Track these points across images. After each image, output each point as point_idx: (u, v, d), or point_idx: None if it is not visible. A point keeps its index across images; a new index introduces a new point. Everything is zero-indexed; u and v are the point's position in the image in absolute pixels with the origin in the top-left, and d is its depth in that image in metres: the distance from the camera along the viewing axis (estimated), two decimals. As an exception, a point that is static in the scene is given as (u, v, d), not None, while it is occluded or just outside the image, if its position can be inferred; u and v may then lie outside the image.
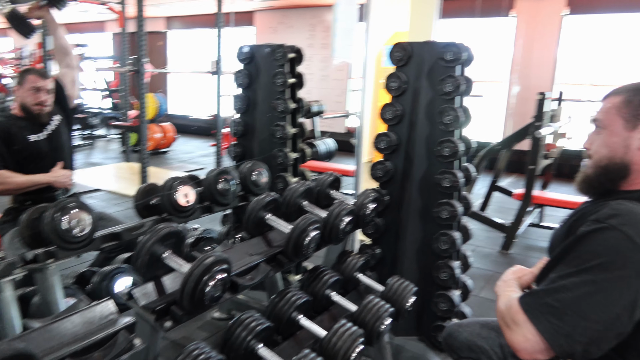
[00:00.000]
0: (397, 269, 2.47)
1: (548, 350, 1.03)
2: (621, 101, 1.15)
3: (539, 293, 1.07)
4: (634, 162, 1.12)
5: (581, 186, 1.24)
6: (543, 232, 4.51)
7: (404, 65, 2.34)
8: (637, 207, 1.04)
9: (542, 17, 7.17)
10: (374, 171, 2.45)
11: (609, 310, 0.98)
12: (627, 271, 0.98)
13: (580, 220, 1.11)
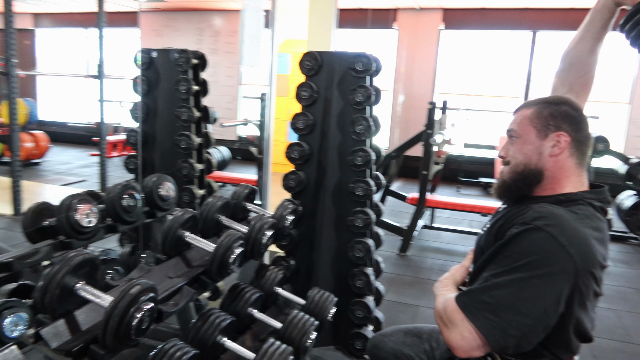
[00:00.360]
0: (313, 279, 2.46)
1: (484, 346, 1.07)
2: (533, 113, 1.24)
3: (474, 292, 1.11)
4: (547, 168, 1.21)
5: (499, 192, 1.32)
6: (435, 233, 4.81)
7: (315, 75, 2.34)
8: (557, 209, 1.13)
9: (422, 30, 7.69)
10: (287, 181, 2.41)
11: (538, 305, 1.05)
12: (553, 268, 1.05)
13: (507, 224, 1.17)
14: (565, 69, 1.44)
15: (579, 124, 1.22)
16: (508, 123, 1.32)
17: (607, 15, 1.34)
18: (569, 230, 1.08)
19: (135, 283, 1.17)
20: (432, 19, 7.63)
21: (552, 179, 1.22)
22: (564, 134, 1.20)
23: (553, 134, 1.21)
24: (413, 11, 7.66)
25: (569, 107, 1.24)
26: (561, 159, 1.21)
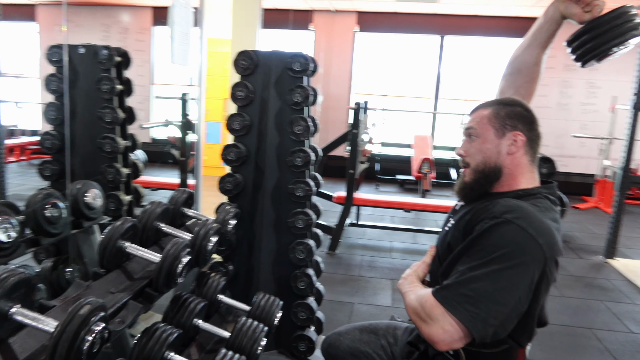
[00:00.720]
0: (253, 284, 2.40)
1: (465, 338, 1.10)
2: (490, 113, 1.30)
3: (452, 286, 1.13)
4: (505, 166, 1.27)
5: (462, 193, 1.36)
6: (360, 230, 4.91)
7: (250, 75, 2.28)
8: (522, 203, 1.19)
9: (337, 32, 7.82)
10: (223, 184, 2.33)
11: (513, 294, 1.10)
12: (525, 258, 1.11)
13: (475, 219, 1.21)
14: (512, 73, 1.51)
15: (532, 123, 1.29)
16: (466, 123, 1.36)
17: (553, 27, 1.41)
18: (535, 222, 1.14)
19: (84, 302, 1.06)
20: (347, 21, 7.78)
21: (510, 175, 1.28)
22: (520, 133, 1.27)
23: (510, 133, 1.27)
24: (329, 13, 7.77)
25: (522, 108, 1.30)
26: (517, 156, 1.27)
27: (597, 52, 1.34)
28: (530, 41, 1.45)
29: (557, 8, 1.37)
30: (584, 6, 1.32)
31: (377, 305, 3.22)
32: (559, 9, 1.37)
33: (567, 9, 1.35)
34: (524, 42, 1.47)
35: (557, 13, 1.38)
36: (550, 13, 1.40)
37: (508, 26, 7.53)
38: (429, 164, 6.21)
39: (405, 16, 7.67)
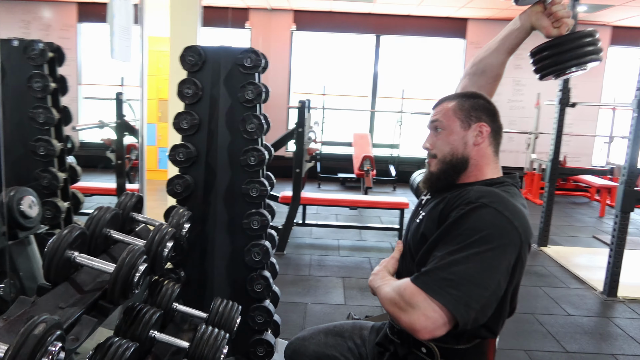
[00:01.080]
0: (206, 289, 2.30)
1: (449, 324, 1.09)
2: (455, 105, 1.31)
3: (433, 271, 1.12)
4: (471, 157, 1.29)
5: (429, 183, 1.36)
6: (306, 229, 4.88)
7: (198, 71, 2.19)
8: (494, 189, 1.20)
9: (274, 31, 7.75)
10: (172, 187, 2.21)
11: (494, 277, 1.10)
12: (503, 240, 1.11)
13: (448, 207, 1.21)
14: (476, 74, 1.51)
15: (494, 115, 1.31)
16: (430, 117, 1.36)
17: (522, 35, 1.41)
18: (510, 206, 1.15)
19: (38, 320, 0.95)
20: (284, 20, 7.74)
21: (476, 166, 1.29)
22: (485, 124, 1.28)
23: (475, 125, 1.28)
24: (265, 11, 7.68)
25: (485, 100, 1.32)
26: (483, 147, 1.29)
27: (556, 69, 1.38)
28: (498, 45, 1.45)
29: (529, 18, 1.37)
30: (554, 21, 1.32)
31: (330, 304, 3.21)
32: (530, 19, 1.37)
33: (537, 20, 1.35)
34: (492, 45, 1.48)
35: (527, 23, 1.38)
36: (521, 22, 1.40)
37: (440, 26, 7.79)
38: (370, 162, 6.29)
39: (342, 15, 7.74)
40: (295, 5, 7.45)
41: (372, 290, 1.34)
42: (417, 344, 1.29)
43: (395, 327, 1.37)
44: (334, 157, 7.74)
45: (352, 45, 8.16)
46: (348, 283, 3.58)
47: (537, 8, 1.35)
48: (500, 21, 7.67)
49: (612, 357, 2.72)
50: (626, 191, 3.45)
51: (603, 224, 5.88)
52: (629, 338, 2.95)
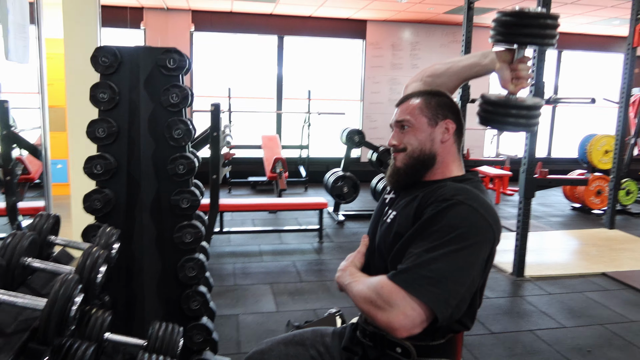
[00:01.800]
0: (136, 313, 2.10)
1: (426, 321, 1.08)
2: (421, 103, 1.30)
3: (412, 269, 1.10)
4: (438, 153, 1.29)
5: (395, 178, 1.33)
6: (224, 237, 4.70)
7: (114, 73, 1.99)
8: (467, 186, 1.21)
9: (172, 31, 7.40)
10: (90, 203, 1.99)
11: (469, 273, 1.11)
12: (479, 237, 1.13)
13: (423, 204, 1.20)
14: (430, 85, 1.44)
15: (458, 113, 1.32)
16: (395, 115, 1.34)
17: (483, 73, 1.39)
18: (483, 202, 1.17)
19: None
20: (182, 20, 7.42)
21: (443, 163, 1.29)
22: (451, 121, 1.28)
23: (442, 122, 1.28)
24: (161, 11, 7.30)
25: (449, 99, 1.33)
26: (448, 144, 1.29)
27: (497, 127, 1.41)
28: (459, 71, 1.42)
29: (494, 63, 1.34)
30: (515, 78, 1.32)
31: (262, 312, 3.11)
32: (495, 64, 1.34)
33: (501, 69, 1.32)
34: (453, 68, 1.44)
35: (492, 66, 1.35)
36: (487, 62, 1.36)
37: (340, 27, 7.94)
38: (282, 163, 6.24)
39: (243, 16, 7.59)
40: (193, 5, 7.16)
41: (341, 287, 1.30)
42: (392, 345, 1.26)
43: (367, 330, 1.33)
44: (243, 160, 7.57)
45: (256, 46, 8.05)
46: (277, 289, 3.50)
47: (506, 57, 1.33)
48: (397, 22, 8.00)
49: (531, 332, 2.93)
50: (527, 179, 3.75)
51: (500, 210, 6.36)
52: (542, 313, 3.20)
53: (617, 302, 3.42)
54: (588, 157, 6.31)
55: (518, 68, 1.32)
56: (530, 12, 1.25)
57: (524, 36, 1.27)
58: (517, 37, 1.28)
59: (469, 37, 4.88)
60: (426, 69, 1.54)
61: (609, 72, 9.17)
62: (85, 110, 3.07)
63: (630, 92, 5.30)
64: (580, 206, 6.44)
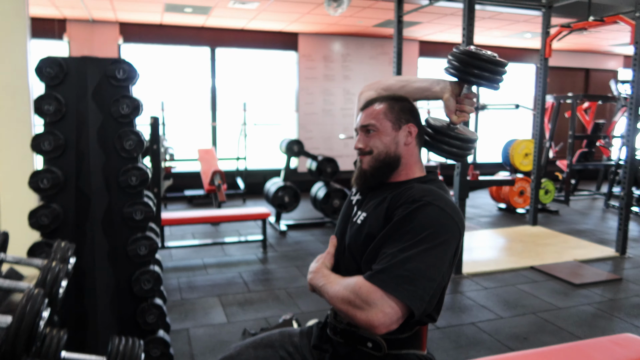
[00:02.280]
0: (89, 330, 2.03)
1: (403, 317, 1.16)
2: (385, 108, 1.37)
3: (388, 269, 1.16)
4: (403, 156, 1.37)
5: (361, 180, 1.40)
6: (165, 252, 4.58)
7: (60, 84, 1.93)
8: (432, 187, 1.29)
9: (99, 43, 7.15)
10: (36, 219, 1.91)
11: (440, 269, 1.19)
12: (447, 235, 1.21)
13: (393, 205, 1.27)
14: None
15: (419, 117, 1.41)
16: (359, 120, 1.40)
17: (433, 98, 1.46)
18: (449, 203, 1.25)
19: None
20: (109, 32, 7.18)
21: (406, 165, 1.37)
22: (413, 125, 1.37)
23: (405, 126, 1.36)
24: (86, 23, 7.03)
25: (410, 103, 1.41)
26: (411, 147, 1.38)
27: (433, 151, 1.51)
28: (410, 92, 1.48)
29: (444, 92, 1.41)
30: (459, 111, 1.39)
31: (213, 324, 3.07)
32: (444, 94, 1.40)
33: (448, 100, 1.39)
34: (405, 87, 1.50)
35: (440, 94, 1.42)
36: (437, 90, 1.43)
37: (273, 40, 8.02)
38: (220, 176, 6.18)
39: (173, 28, 7.48)
40: (121, 17, 6.96)
41: (314, 288, 1.34)
42: (363, 340, 1.32)
43: (338, 327, 1.38)
44: (178, 174, 7.40)
45: (188, 58, 7.94)
46: (225, 300, 3.47)
47: (455, 89, 1.39)
48: (328, 35, 8.21)
49: (473, 325, 3.11)
50: (461, 181, 3.98)
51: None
52: (481, 307, 3.41)
53: (545, 292, 3.70)
54: (510, 160, 6.78)
55: (463, 102, 1.39)
56: (483, 56, 1.33)
57: (474, 76, 1.33)
58: (468, 76, 1.33)
59: (399, 50, 5.11)
60: (381, 81, 1.61)
61: (521, 81, 9.91)
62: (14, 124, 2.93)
63: (544, 100, 5.77)
64: (505, 206, 6.89)
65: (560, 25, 5.39)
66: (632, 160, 4.59)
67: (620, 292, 3.72)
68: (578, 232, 5.63)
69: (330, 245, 1.43)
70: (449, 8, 5.74)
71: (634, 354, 1.88)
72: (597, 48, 9.55)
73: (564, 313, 3.31)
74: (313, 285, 1.34)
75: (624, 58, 10.31)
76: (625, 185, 4.60)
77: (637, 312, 3.32)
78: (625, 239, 4.66)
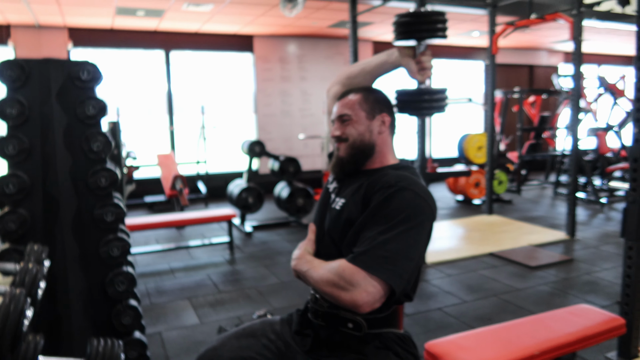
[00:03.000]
0: (62, 335, 2.00)
1: (385, 296, 1.23)
2: (360, 98, 1.44)
3: (369, 251, 1.23)
4: (377, 144, 1.44)
5: (338, 167, 1.46)
6: (130, 259, 4.50)
7: (22, 87, 1.90)
8: (405, 173, 1.36)
9: (47, 48, 6.92)
10: (3, 225, 1.87)
11: (418, 249, 1.27)
12: (422, 217, 1.29)
13: (370, 191, 1.33)
14: (349, 85, 1.59)
15: (392, 107, 1.49)
16: (336, 110, 1.46)
17: (391, 69, 1.57)
18: (422, 187, 1.33)
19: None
20: (57, 37, 6.97)
21: (380, 153, 1.44)
22: (386, 114, 1.45)
23: (379, 115, 1.44)
24: (32, 28, 6.80)
25: (384, 95, 1.49)
26: (384, 136, 1.45)
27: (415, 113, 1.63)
28: (371, 70, 1.58)
29: (400, 59, 1.53)
30: (420, 69, 1.52)
31: (185, 326, 3.06)
32: (401, 61, 1.53)
33: (407, 64, 1.51)
34: (366, 68, 1.59)
35: (398, 62, 1.53)
36: (394, 58, 1.54)
37: (228, 42, 7.99)
38: (181, 180, 6.11)
39: (125, 33, 7.33)
40: (70, 22, 6.76)
41: (298, 274, 1.39)
42: (344, 321, 1.38)
43: (319, 311, 1.43)
44: (138, 181, 7.25)
45: (142, 61, 7.80)
46: (196, 302, 3.46)
47: (409, 52, 1.52)
48: (283, 37, 8.25)
49: (439, 310, 3.24)
50: (422, 174, 4.12)
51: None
52: (446, 293, 3.54)
53: (504, 275, 3.89)
54: (465, 153, 7.03)
55: (422, 60, 1.52)
56: (424, 12, 1.50)
57: (422, 32, 1.51)
58: (417, 34, 1.51)
59: (355, 49, 5.23)
60: (342, 72, 1.71)
61: (470, 78, 10.28)
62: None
63: (494, 95, 6.03)
64: (462, 198, 7.14)
65: (505, 23, 5.66)
66: (576, 149, 4.88)
67: (572, 271, 3.95)
68: (531, 218, 5.91)
69: (309, 232, 1.49)
70: (400, 8, 5.90)
71: (588, 322, 2.03)
72: (540, 45, 10.02)
73: (523, 293, 3.49)
74: (297, 271, 1.39)
75: (564, 54, 10.86)
76: (571, 173, 4.88)
77: (588, 289, 3.54)
78: (573, 223, 4.94)
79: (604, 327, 2.02)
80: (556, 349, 1.88)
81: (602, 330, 2.01)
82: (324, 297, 1.37)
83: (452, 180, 7.09)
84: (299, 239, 5.06)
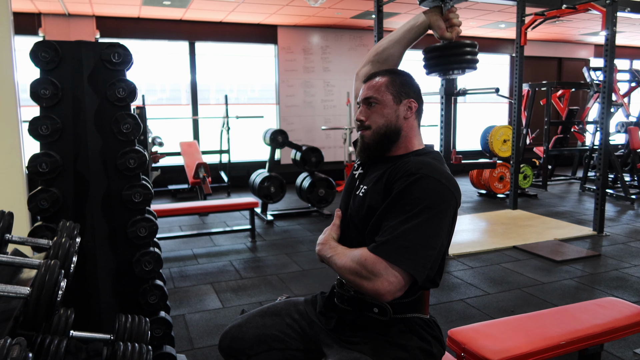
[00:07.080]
0: (91, 311, 2.05)
1: (407, 284, 1.23)
2: (387, 81, 1.42)
3: (390, 241, 1.22)
4: (403, 129, 1.42)
5: (364, 154, 1.46)
6: (154, 244, 4.58)
7: (55, 69, 1.94)
8: (428, 159, 1.35)
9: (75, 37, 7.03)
10: (36, 202, 1.92)
11: (439, 237, 1.26)
12: (443, 205, 1.27)
13: (392, 179, 1.32)
14: (379, 61, 1.62)
15: (419, 92, 1.47)
16: (362, 93, 1.45)
17: (421, 31, 1.60)
18: (444, 174, 1.31)
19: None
20: (85, 26, 7.09)
21: (406, 138, 1.43)
22: (413, 100, 1.43)
23: (406, 100, 1.42)
24: (62, 17, 6.93)
25: (411, 78, 1.47)
26: (411, 121, 1.43)
27: (441, 69, 1.63)
28: (399, 38, 1.60)
29: (428, 18, 1.58)
30: (449, 26, 1.56)
31: (208, 310, 3.11)
32: (429, 20, 1.58)
33: (435, 22, 1.57)
34: (394, 37, 1.62)
35: (426, 22, 1.58)
36: (421, 20, 1.59)
37: (252, 33, 8.02)
38: (204, 168, 6.17)
39: (152, 22, 7.42)
40: (98, 11, 6.88)
41: (322, 259, 1.40)
42: (369, 306, 1.38)
43: (345, 296, 1.43)
44: (162, 169, 7.36)
45: (167, 52, 7.88)
46: (219, 287, 3.50)
47: (436, 11, 1.57)
48: (307, 27, 8.24)
49: (462, 301, 3.21)
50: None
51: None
52: (469, 284, 3.51)
53: (528, 269, 3.84)
54: (490, 146, 6.93)
55: (450, 17, 1.57)
56: None
57: None
58: None
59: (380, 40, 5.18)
60: (370, 52, 1.71)
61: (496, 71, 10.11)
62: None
63: (522, 88, 5.92)
64: (486, 192, 7.05)
65: (535, 14, 5.54)
66: (606, 144, 4.76)
67: (600, 267, 3.87)
68: (557, 214, 5.81)
69: (335, 217, 1.49)
70: (427, -2, 5.83)
71: (617, 314, 1.99)
72: (569, 37, 9.80)
73: (548, 287, 3.44)
74: (321, 256, 1.40)
75: (594, 47, 10.60)
76: (600, 167, 4.77)
77: (616, 284, 3.47)
78: (602, 218, 4.84)
79: (633, 320, 1.98)
80: (582, 340, 1.85)
81: (631, 322, 1.97)
82: None
83: (475, 174, 7.00)
84: (320, 229, 5.07)
